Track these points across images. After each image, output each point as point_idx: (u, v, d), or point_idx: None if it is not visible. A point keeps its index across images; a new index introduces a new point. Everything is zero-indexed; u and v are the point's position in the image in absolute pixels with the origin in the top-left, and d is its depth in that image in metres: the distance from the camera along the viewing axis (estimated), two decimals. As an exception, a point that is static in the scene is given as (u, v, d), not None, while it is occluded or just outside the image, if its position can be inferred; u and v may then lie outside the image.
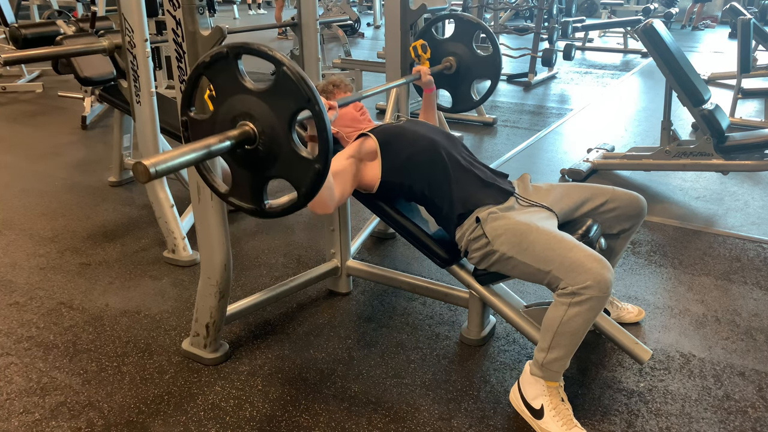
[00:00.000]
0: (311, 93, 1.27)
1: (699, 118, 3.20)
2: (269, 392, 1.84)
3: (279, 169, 1.38)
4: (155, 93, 2.64)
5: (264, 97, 1.33)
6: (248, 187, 1.45)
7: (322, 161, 1.31)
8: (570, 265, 1.57)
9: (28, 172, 3.83)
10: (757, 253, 2.72)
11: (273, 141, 1.35)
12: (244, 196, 1.47)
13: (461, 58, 2.57)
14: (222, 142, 1.32)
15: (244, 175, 1.44)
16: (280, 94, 1.31)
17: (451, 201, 1.84)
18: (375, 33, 10.90)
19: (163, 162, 1.19)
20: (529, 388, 1.69)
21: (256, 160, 1.39)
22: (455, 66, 2.57)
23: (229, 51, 1.33)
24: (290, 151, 1.34)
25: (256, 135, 1.36)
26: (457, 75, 2.59)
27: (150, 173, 1.15)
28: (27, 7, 7.32)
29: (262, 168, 1.40)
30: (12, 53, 2.54)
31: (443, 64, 2.57)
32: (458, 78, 2.60)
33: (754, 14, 7.42)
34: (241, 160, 1.41)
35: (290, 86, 1.28)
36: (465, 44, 2.56)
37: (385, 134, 1.96)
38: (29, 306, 2.32)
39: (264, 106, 1.33)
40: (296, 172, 1.35)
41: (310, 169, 1.33)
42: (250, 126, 1.35)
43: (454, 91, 2.66)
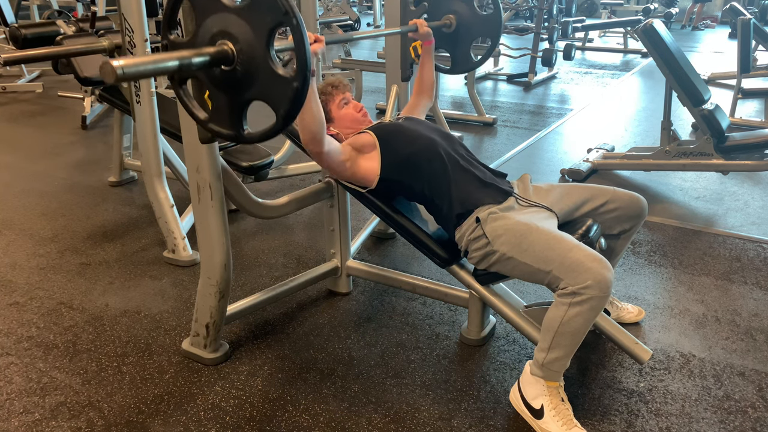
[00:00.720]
0: (288, 6, 1.24)
1: (699, 118, 3.20)
2: (269, 392, 1.84)
3: (257, 91, 1.35)
4: (155, 93, 2.65)
5: (242, 14, 1.30)
6: (227, 112, 1.42)
7: (300, 79, 1.27)
8: (570, 265, 1.57)
9: (28, 172, 3.83)
10: (757, 253, 2.72)
11: (251, 60, 1.32)
12: (223, 121, 1.44)
13: (461, 16, 2.51)
14: (197, 57, 1.29)
15: (223, 99, 1.41)
16: (258, 9, 1.28)
17: (450, 200, 1.84)
18: (375, 33, 10.89)
19: (133, 66, 1.16)
20: (529, 388, 1.69)
21: (235, 81, 1.36)
22: (455, 24, 2.52)
23: None
24: (268, 70, 1.30)
25: (234, 55, 1.33)
26: (457, 34, 2.54)
27: (117, 74, 1.12)
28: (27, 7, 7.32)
29: (240, 90, 1.37)
30: (12, 53, 2.54)
31: (443, 20, 2.52)
32: (458, 37, 2.55)
33: (754, 14, 7.42)
34: (220, 82, 1.38)
35: (268, 1, 1.25)
36: (466, 3, 2.50)
37: (383, 131, 1.96)
38: (29, 306, 2.32)
39: (242, 24, 1.30)
40: (274, 92, 1.32)
41: (287, 88, 1.29)
42: (228, 45, 1.33)
43: (453, 51, 2.61)
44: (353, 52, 7.96)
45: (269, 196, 2.29)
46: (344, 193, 2.28)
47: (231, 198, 1.91)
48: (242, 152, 2.85)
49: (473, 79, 4.98)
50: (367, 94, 5.87)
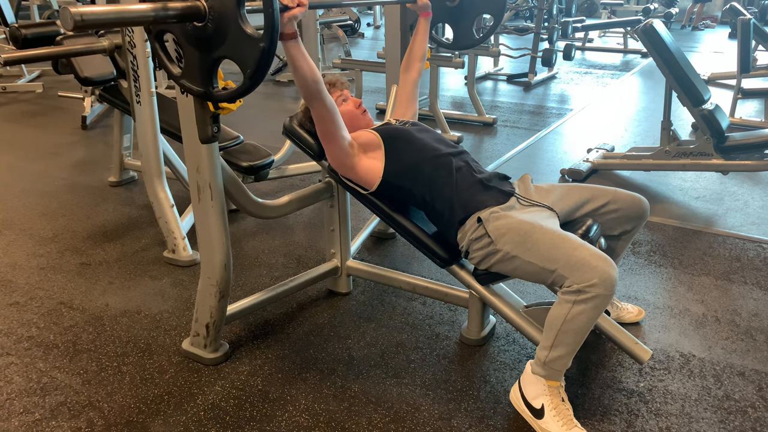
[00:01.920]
0: None
1: (699, 118, 3.20)
2: (269, 392, 1.84)
3: (226, 49, 1.36)
4: (155, 93, 2.64)
5: None
6: (198, 68, 1.43)
7: (267, 39, 1.29)
8: (575, 263, 1.57)
9: (28, 172, 3.83)
10: (757, 253, 2.72)
11: (222, 18, 1.33)
12: (194, 78, 1.46)
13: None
14: (166, 10, 1.29)
15: (194, 56, 1.42)
16: None
17: (452, 206, 1.84)
18: (375, 33, 10.90)
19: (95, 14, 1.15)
20: (529, 387, 1.69)
21: (206, 38, 1.37)
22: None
23: None
24: (238, 29, 1.31)
25: (205, 11, 1.34)
26: (460, 8, 2.51)
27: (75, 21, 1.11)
28: (27, 7, 7.32)
29: (210, 48, 1.38)
30: (12, 53, 2.54)
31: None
32: (461, 11, 2.52)
33: (754, 14, 7.42)
34: (192, 38, 1.39)
35: None
36: None
37: (389, 134, 1.96)
38: (29, 306, 2.32)
39: None
40: (242, 51, 1.33)
41: (255, 48, 1.30)
42: (201, 1, 1.33)
43: (456, 26, 2.58)
44: (353, 52, 7.96)
45: (269, 196, 2.29)
46: (344, 193, 2.28)
47: (231, 198, 1.91)
48: (242, 152, 2.85)
49: (473, 79, 4.98)
50: (367, 94, 5.87)
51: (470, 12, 2.53)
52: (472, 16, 2.54)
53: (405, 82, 2.33)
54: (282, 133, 2.19)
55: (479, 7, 2.52)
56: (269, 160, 2.89)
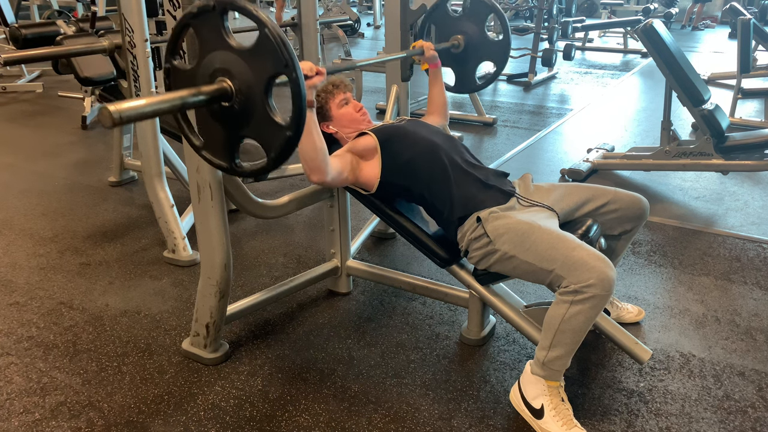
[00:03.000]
0: (289, 58, 1.27)
1: (699, 118, 3.19)
2: (269, 392, 1.84)
3: (252, 130, 1.38)
4: (155, 93, 2.65)
5: (245, 56, 1.33)
6: (221, 143, 1.45)
7: (293, 128, 1.31)
8: (573, 263, 1.57)
9: (28, 172, 3.83)
10: (757, 253, 2.72)
11: (249, 101, 1.35)
12: (217, 152, 1.47)
13: (470, 38, 2.53)
14: (196, 96, 1.32)
15: (219, 131, 1.44)
16: (261, 55, 1.30)
17: (451, 204, 1.84)
18: (375, 33, 10.90)
19: (131, 109, 1.17)
20: (529, 387, 1.69)
21: (231, 117, 1.39)
22: (463, 45, 2.53)
23: (216, 5, 1.33)
24: (264, 114, 1.33)
25: (232, 92, 1.35)
26: (464, 55, 2.56)
27: (114, 118, 1.13)
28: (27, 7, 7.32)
29: (236, 126, 1.40)
30: (12, 53, 2.55)
31: (451, 41, 2.53)
32: (465, 58, 2.57)
33: (754, 14, 7.42)
34: (217, 115, 1.41)
35: (270, 49, 1.28)
36: (476, 25, 2.52)
37: (384, 133, 1.96)
38: (29, 306, 2.32)
39: (244, 66, 1.33)
40: (268, 135, 1.35)
41: (281, 135, 1.32)
42: (227, 83, 1.35)
43: (459, 71, 2.63)
44: (353, 52, 7.95)
45: (269, 196, 2.29)
46: (344, 193, 2.28)
47: (231, 198, 1.91)
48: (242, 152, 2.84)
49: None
50: (367, 94, 5.87)
51: (473, 59, 2.59)
52: (475, 63, 2.60)
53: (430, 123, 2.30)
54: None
55: (483, 55, 2.57)
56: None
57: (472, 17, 2.53)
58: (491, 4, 2.51)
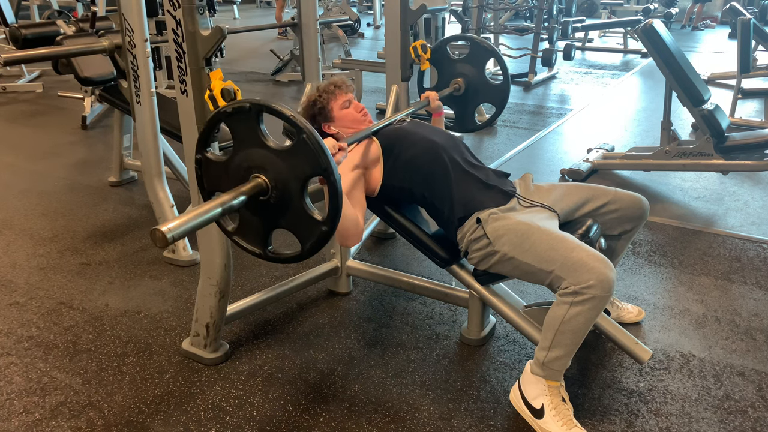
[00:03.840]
0: (328, 163, 1.31)
1: (699, 118, 3.19)
2: (269, 392, 1.84)
3: (287, 223, 1.42)
4: (155, 93, 2.64)
5: (281, 155, 1.36)
6: (254, 231, 1.48)
7: (330, 224, 1.35)
8: (573, 264, 1.57)
9: (28, 172, 3.83)
10: (757, 253, 2.72)
11: (284, 197, 1.38)
12: (250, 239, 1.50)
13: (470, 81, 2.58)
14: (236, 199, 1.35)
15: (252, 221, 1.47)
16: (298, 157, 1.33)
17: (451, 204, 1.84)
18: (375, 33, 10.90)
19: (180, 227, 1.23)
20: (529, 387, 1.69)
21: (266, 209, 1.42)
22: (463, 88, 2.58)
23: (252, 107, 1.35)
24: (300, 210, 1.38)
25: (268, 188, 1.39)
26: (465, 97, 2.61)
27: (167, 239, 1.19)
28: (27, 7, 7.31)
29: (270, 218, 1.44)
30: (12, 53, 2.55)
31: (452, 86, 2.58)
32: (465, 100, 2.62)
33: (754, 14, 7.41)
34: (252, 207, 1.44)
35: (308, 153, 1.31)
36: (476, 68, 2.56)
37: (386, 138, 1.96)
38: (29, 306, 2.32)
39: (280, 164, 1.36)
40: (303, 229, 1.40)
41: (317, 230, 1.37)
42: (263, 179, 1.38)
43: (459, 112, 2.67)
44: (353, 52, 7.95)
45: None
46: (344, 193, 2.28)
47: (231, 198, 1.91)
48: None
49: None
50: (367, 94, 5.87)
51: (473, 100, 2.63)
52: (474, 105, 2.64)
53: None
54: (282, 133, 2.19)
55: (482, 97, 2.62)
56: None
57: (472, 60, 2.57)
58: (491, 49, 2.56)
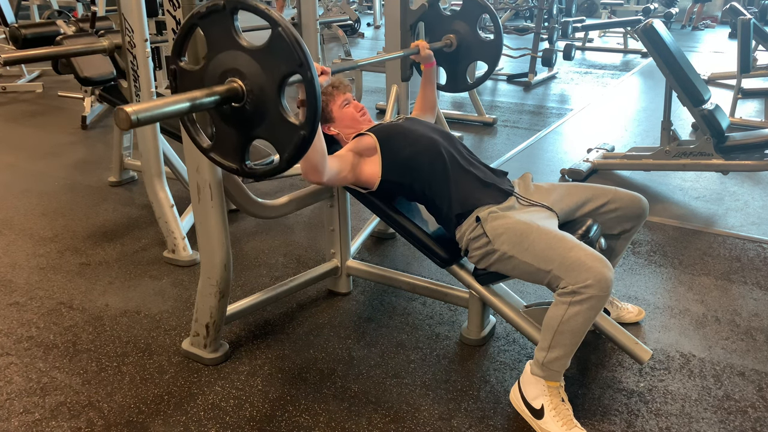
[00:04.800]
0: (304, 57, 1.25)
1: (699, 118, 3.19)
2: (269, 392, 1.84)
3: (264, 131, 1.36)
4: (155, 93, 2.64)
5: (256, 56, 1.31)
6: (231, 145, 1.43)
7: (308, 127, 1.29)
8: (571, 264, 1.57)
9: (28, 172, 3.83)
10: (757, 253, 2.72)
11: (261, 101, 1.33)
12: (226, 153, 1.45)
13: (462, 37, 2.52)
14: (208, 97, 1.30)
15: (228, 133, 1.42)
16: (273, 55, 1.28)
17: (450, 201, 1.84)
18: (375, 33, 10.90)
19: (146, 110, 1.17)
20: (529, 387, 1.69)
21: (242, 118, 1.37)
22: (455, 45, 2.53)
23: (225, 4, 1.30)
24: (277, 115, 1.32)
25: (243, 93, 1.34)
26: (456, 54, 2.55)
27: (131, 120, 1.14)
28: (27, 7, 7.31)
29: (247, 127, 1.38)
30: (12, 53, 2.54)
31: (443, 41, 2.53)
32: (457, 57, 2.56)
33: (754, 14, 7.41)
34: (227, 116, 1.39)
35: (284, 48, 1.26)
36: (468, 25, 2.51)
37: (384, 132, 1.96)
38: (29, 306, 2.32)
39: (255, 66, 1.31)
40: (281, 135, 1.34)
41: (295, 135, 1.31)
42: (238, 83, 1.34)
43: (451, 70, 2.62)
44: (353, 52, 7.95)
45: (269, 196, 2.29)
46: (344, 193, 2.28)
47: (231, 198, 1.91)
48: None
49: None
50: (367, 94, 5.87)
51: (465, 58, 2.58)
52: (466, 63, 2.59)
53: None
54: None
55: (474, 54, 2.57)
56: (269, 160, 2.89)
57: (465, 17, 2.52)
58: (484, 4, 2.50)
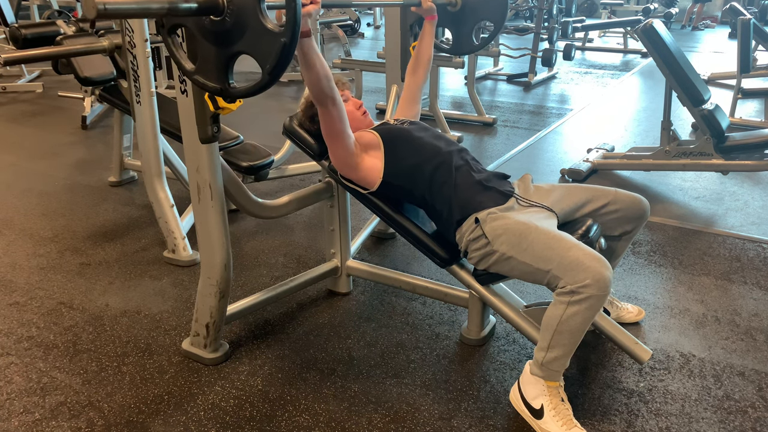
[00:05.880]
0: None
1: (699, 118, 3.20)
2: (269, 392, 1.84)
3: (245, 44, 1.33)
4: (155, 93, 2.64)
5: None
6: (214, 64, 1.41)
7: (288, 34, 1.26)
8: (569, 264, 1.57)
9: (29, 172, 3.83)
10: (757, 253, 2.72)
11: (240, 12, 1.30)
12: (209, 74, 1.43)
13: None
14: (185, 3, 1.27)
15: (210, 51, 1.39)
16: None
17: (450, 206, 1.84)
18: (375, 33, 10.90)
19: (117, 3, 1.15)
20: (529, 387, 1.69)
21: (223, 33, 1.34)
22: (460, 3, 2.49)
23: None
24: (257, 23, 1.29)
25: (224, 5, 1.31)
26: (462, 14, 2.52)
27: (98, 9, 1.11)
28: (27, 7, 7.32)
29: (228, 42, 1.36)
30: (12, 53, 2.54)
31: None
32: (462, 17, 2.53)
33: (754, 14, 7.41)
34: (208, 32, 1.37)
35: None
36: None
37: (389, 134, 1.96)
38: (29, 306, 2.32)
39: None
40: (262, 45, 1.30)
41: (275, 43, 1.27)
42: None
43: (456, 31, 2.59)
44: (353, 52, 7.95)
45: (269, 196, 2.29)
46: (344, 193, 2.28)
47: (231, 198, 1.91)
48: (242, 152, 2.85)
49: (473, 79, 4.98)
50: (367, 94, 5.87)
51: (471, 18, 2.54)
52: (472, 22, 2.55)
53: (410, 84, 2.33)
54: (282, 133, 2.19)
55: (480, 14, 2.53)
56: (269, 160, 2.89)
57: None
58: None
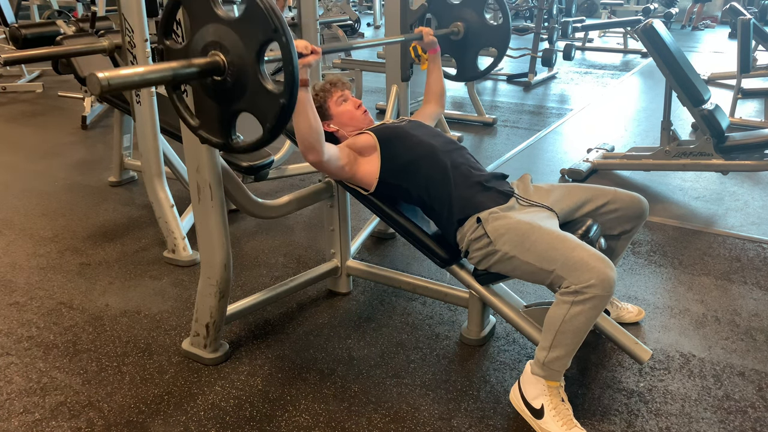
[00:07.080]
0: (279, 23, 1.26)
1: (699, 118, 3.20)
2: (269, 392, 1.84)
3: (246, 103, 1.38)
4: (155, 93, 2.64)
5: (234, 27, 1.32)
6: (217, 120, 1.45)
7: (287, 95, 1.30)
8: (573, 264, 1.57)
9: (28, 172, 3.83)
10: (757, 253, 2.72)
11: (241, 73, 1.34)
12: (212, 129, 1.47)
13: (470, 24, 2.51)
14: (187, 68, 1.32)
15: (213, 108, 1.44)
16: (250, 24, 1.30)
17: (450, 207, 1.84)
18: (375, 33, 10.89)
19: (119, 77, 1.17)
20: (529, 387, 1.69)
21: (225, 92, 1.39)
22: (463, 32, 2.51)
23: None
24: (257, 84, 1.33)
25: (224, 66, 1.35)
26: (465, 42, 2.54)
27: (102, 85, 1.13)
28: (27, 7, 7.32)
29: (229, 100, 1.40)
30: (12, 53, 2.54)
31: (450, 28, 2.51)
32: (465, 45, 2.55)
33: (754, 14, 7.41)
34: (210, 91, 1.41)
35: (259, 16, 1.27)
36: (475, 11, 2.50)
37: (384, 133, 1.96)
38: (29, 306, 2.32)
39: (234, 36, 1.33)
40: (262, 105, 1.35)
41: (275, 104, 1.31)
42: (219, 56, 1.35)
43: (460, 59, 2.61)
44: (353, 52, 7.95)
45: (269, 196, 2.29)
46: (344, 193, 2.28)
47: (231, 198, 1.91)
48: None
49: (473, 79, 4.98)
50: (367, 94, 5.87)
51: (474, 45, 2.56)
52: (476, 49, 2.57)
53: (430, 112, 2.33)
54: (282, 133, 2.19)
55: (483, 41, 2.55)
56: (269, 160, 2.88)
57: (471, 4, 2.50)
58: None
